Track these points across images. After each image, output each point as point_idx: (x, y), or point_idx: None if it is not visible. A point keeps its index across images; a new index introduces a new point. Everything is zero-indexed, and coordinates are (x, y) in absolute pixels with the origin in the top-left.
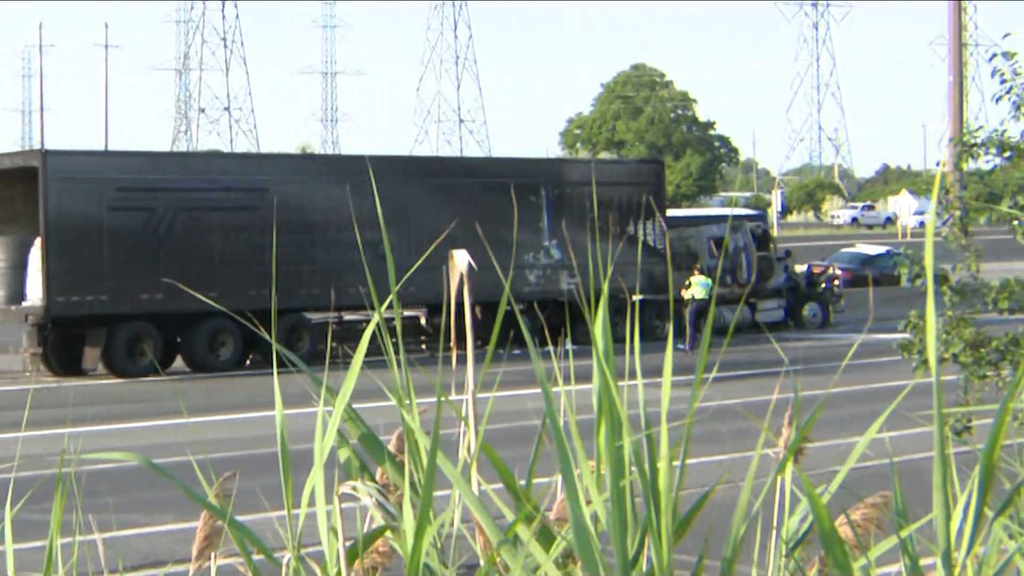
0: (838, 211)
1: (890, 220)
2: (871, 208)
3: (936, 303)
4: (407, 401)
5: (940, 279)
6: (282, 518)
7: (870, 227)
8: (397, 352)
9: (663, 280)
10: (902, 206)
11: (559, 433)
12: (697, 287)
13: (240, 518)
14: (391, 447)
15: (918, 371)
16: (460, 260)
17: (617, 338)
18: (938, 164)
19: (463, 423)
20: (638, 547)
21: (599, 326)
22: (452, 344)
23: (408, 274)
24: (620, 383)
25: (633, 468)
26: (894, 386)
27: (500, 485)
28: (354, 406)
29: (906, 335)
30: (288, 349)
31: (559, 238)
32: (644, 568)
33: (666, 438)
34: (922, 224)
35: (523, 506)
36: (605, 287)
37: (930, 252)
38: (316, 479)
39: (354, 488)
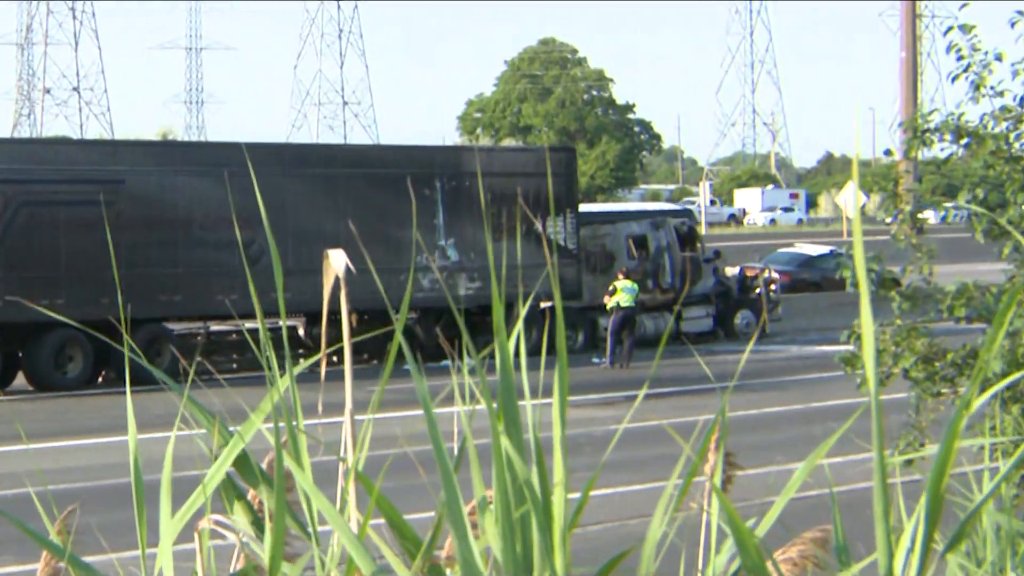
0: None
1: (734, 217)
2: (711, 204)
3: (885, 310)
4: (288, 422)
5: (888, 283)
6: (133, 558)
7: (711, 225)
8: (270, 368)
9: (575, 284)
10: (848, 200)
11: (444, 461)
12: (623, 294)
13: (87, 559)
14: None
15: (863, 388)
16: (336, 262)
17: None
18: (886, 153)
19: (344, 448)
20: None
21: (521, 336)
22: (323, 357)
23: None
24: (524, 402)
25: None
26: (837, 405)
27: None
28: (233, 428)
29: (849, 347)
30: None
31: (457, 237)
32: None
33: (560, 464)
34: (772, 222)
35: (406, 543)
36: (548, 293)
37: (859, 248)
38: (164, 510)
39: (217, 523)
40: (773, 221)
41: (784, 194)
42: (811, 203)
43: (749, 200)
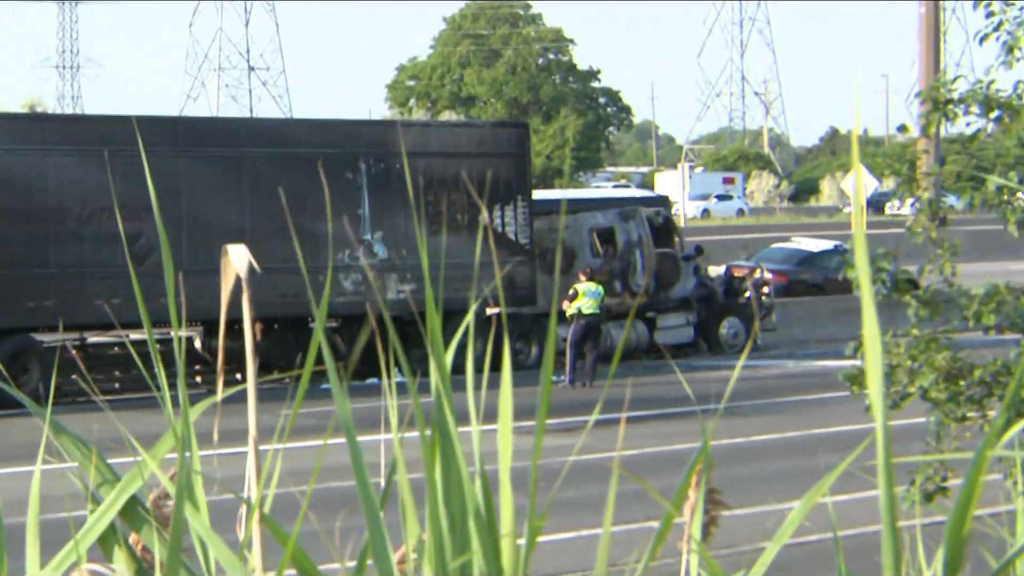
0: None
1: None
2: (625, 188)
3: (899, 318)
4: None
5: (903, 285)
6: None
7: None
8: (159, 388)
9: (528, 287)
10: (855, 185)
11: (369, 500)
12: (585, 298)
13: None
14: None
15: (872, 411)
16: (237, 259)
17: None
18: (900, 128)
19: (248, 485)
20: None
21: (450, 349)
22: (220, 375)
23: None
24: (469, 428)
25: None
26: (842, 432)
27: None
28: (112, 461)
29: (856, 362)
30: (10, 382)
31: (386, 230)
32: None
33: (510, 504)
34: (704, 212)
35: None
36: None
37: (861, 237)
38: (31, 561)
39: (94, 573)
40: (706, 212)
41: (715, 179)
42: (813, 189)
43: (672, 186)
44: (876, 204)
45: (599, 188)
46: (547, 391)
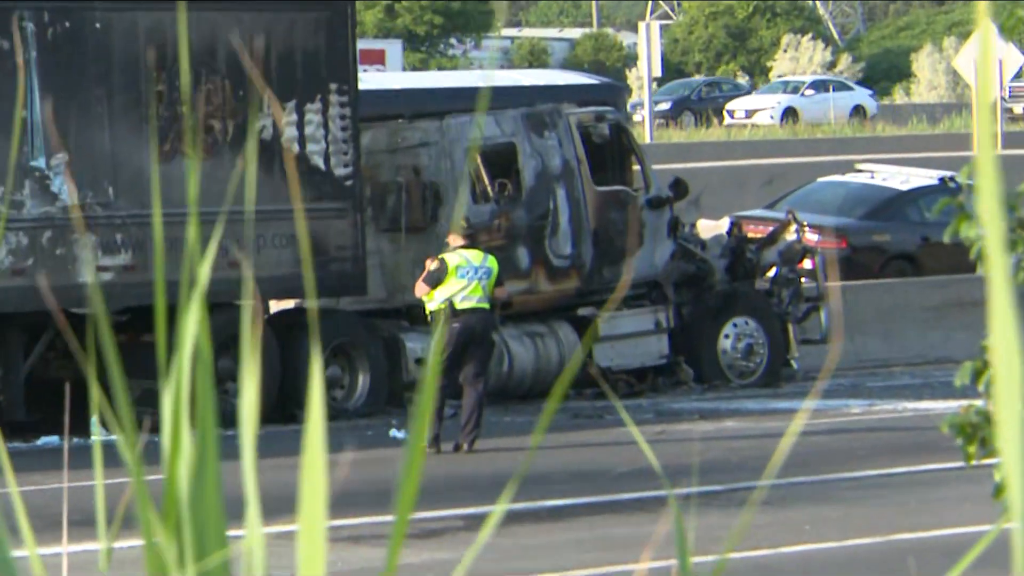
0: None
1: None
2: None
3: None
4: None
5: None
6: None
7: None
8: None
9: (351, 259)
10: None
11: None
12: (460, 280)
13: None
14: None
15: (1002, 496)
16: None
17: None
18: None
19: None
20: None
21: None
22: None
23: None
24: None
25: None
26: (951, 538)
27: None
28: None
29: (972, 402)
30: None
31: (77, 150)
32: None
33: None
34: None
35: None
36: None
37: (990, 157)
38: None
39: None
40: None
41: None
42: (897, 72)
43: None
44: (715, 105)
45: None
46: (415, 463)
